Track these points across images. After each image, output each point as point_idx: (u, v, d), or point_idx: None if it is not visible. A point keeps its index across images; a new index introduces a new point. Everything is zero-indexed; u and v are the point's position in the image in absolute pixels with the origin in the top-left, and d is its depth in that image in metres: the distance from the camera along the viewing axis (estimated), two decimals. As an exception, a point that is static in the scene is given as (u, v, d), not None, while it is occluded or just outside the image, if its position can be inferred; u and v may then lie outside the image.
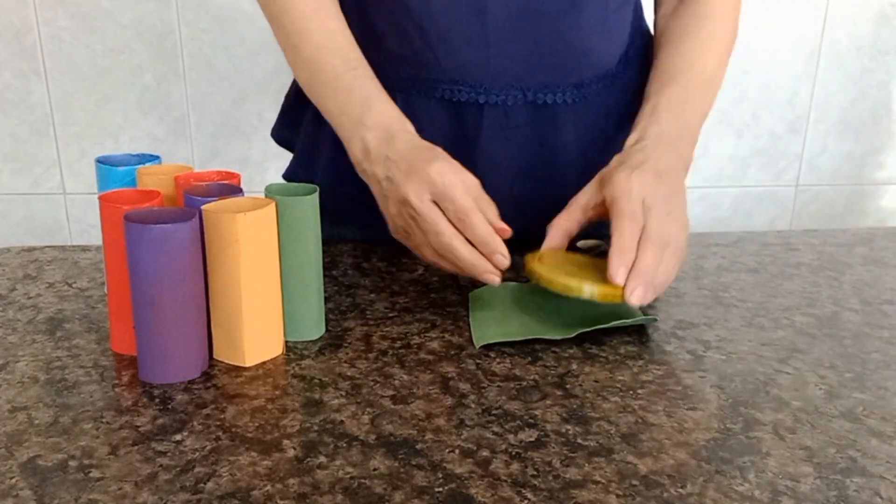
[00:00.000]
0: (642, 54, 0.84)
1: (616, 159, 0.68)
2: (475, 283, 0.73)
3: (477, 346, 0.61)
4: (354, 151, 0.69)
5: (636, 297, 0.60)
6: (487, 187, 0.66)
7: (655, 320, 0.63)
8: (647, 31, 0.87)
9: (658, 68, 0.78)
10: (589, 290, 0.61)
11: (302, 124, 0.87)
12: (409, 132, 0.69)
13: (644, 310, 0.65)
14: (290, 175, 0.88)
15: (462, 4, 0.73)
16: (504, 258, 0.63)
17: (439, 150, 0.66)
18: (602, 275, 0.61)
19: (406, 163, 0.65)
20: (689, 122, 0.73)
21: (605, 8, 0.76)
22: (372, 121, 0.68)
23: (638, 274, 0.60)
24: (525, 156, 0.78)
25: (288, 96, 0.90)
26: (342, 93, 0.70)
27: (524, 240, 0.67)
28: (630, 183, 0.63)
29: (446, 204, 0.63)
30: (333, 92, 0.71)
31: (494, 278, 0.63)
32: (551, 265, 0.64)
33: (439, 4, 0.73)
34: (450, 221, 0.63)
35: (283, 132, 0.91)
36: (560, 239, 0.67)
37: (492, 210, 0.65)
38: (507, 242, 0.64)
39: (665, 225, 0.62)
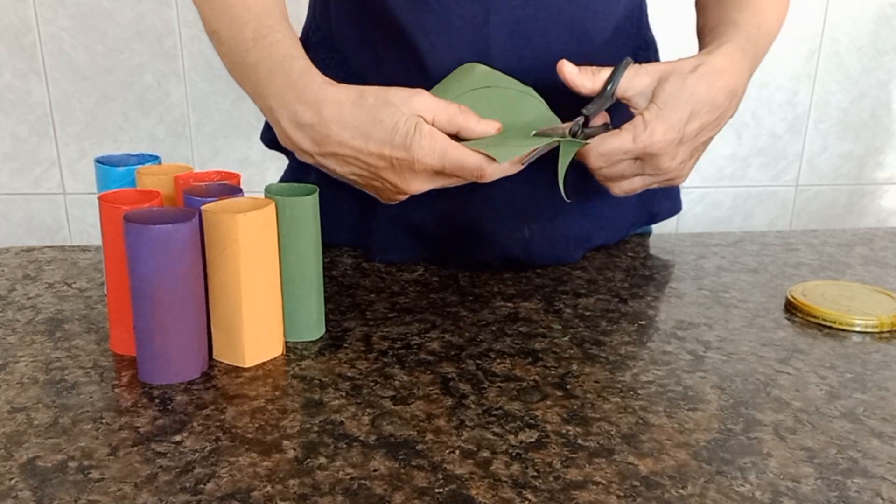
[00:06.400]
0: (646, 62, 0.84)
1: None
2: (475, 284, 0.73)
3: (500, 161, 0.59)
4: (283, 131, 0.61)
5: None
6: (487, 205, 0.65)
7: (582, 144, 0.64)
8: (653, 40, 0.86)
9: (719, 20, 0.78)
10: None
11: None
12: (327, 84, 0.59)
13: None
14: (285, 179, 0.87)
15: (464, 45, 0.71)
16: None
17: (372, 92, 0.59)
18: None
19: (368, 117, 0.58)
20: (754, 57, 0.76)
21: (610, 18, 0.75)
22: (275, 97, 0.59)
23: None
24: (526, 168, 0.78)
25: None
26: (250, 70, 0.60)
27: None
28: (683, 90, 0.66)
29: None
30: (243, 71, 0.61)
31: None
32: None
33: (442, 46, 0.71)
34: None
35: (271, 134, 0.90)
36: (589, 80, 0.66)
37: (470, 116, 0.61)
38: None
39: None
